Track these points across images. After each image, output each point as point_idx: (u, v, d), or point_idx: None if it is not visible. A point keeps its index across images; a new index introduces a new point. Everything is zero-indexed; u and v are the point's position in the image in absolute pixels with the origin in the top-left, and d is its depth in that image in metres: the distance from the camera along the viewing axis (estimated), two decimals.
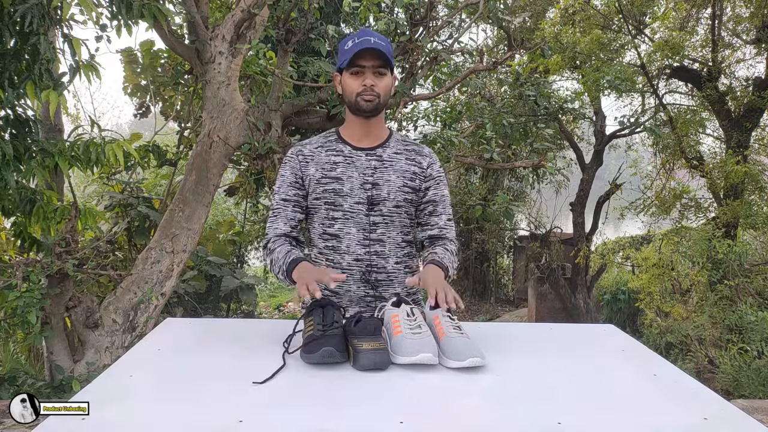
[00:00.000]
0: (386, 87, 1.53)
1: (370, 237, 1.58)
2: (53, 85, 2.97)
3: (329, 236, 1.59)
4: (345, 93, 1.55)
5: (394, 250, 1.61)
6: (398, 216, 1.60)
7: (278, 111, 4.17)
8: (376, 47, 1.46)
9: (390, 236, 1.60)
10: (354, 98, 1.52)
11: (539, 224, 10.32)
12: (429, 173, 1.64)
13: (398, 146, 1.64)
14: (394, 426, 0.95)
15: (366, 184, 1.57)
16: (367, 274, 1.59)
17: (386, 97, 1.55)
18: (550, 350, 1.39)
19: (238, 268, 8.45)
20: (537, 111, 5.67)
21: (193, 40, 4.02)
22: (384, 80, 1.52)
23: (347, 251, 1.58)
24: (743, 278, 5.94)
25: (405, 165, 1.61)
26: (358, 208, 1.57)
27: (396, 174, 1.59)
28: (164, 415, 0.98)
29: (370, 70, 1.49)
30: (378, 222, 1.58)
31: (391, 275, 1.61)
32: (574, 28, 7.21)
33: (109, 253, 4.70)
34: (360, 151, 1.60)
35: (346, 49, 1.50)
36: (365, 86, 1.50)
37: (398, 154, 1.62)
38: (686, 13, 7.15)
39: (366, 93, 1.50)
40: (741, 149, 6.50)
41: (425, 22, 4.27)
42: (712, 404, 1.08)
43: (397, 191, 1.59)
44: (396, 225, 1.61)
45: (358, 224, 1.58)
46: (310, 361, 1.22)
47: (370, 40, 1.47)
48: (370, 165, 1.59)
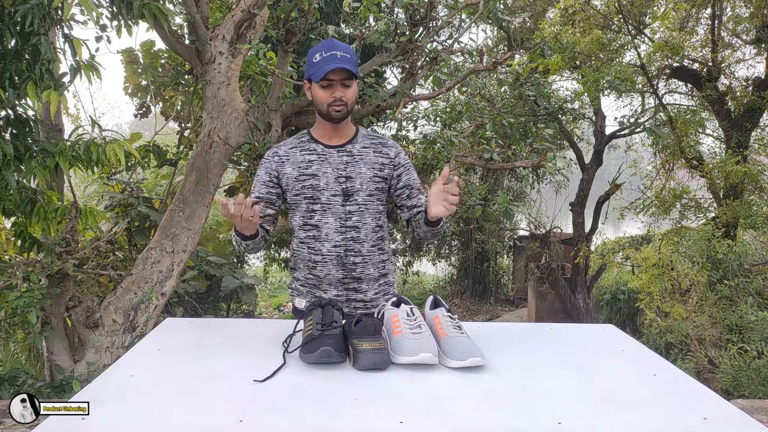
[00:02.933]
0: (353, 95, 1.71)
1: (346, 224, 1.74)
2: (54, 85, 2.97)
3: (310, 227, 1.75)
4: (315, 102, 1.72)
5: (369, 235, 1.77)
6: (372, 203, 1.77)
7: (278, 111, 4.17)
8: (343, 65, 1.61)
9: (365, 222, 1.76)
10: (325, 108, 1.69)
11: (539, 224, 10.32)
12: (397, 162, 1.81)
13: (365, 141, 1.80)
14: (394, 426, 0.95)
15: (340, 177, 1.74)
16: (344, 258, 1.74)
17: (353, 104, 1.73)
18: (551, 350, 1.39)
19: (238, 268, 8.45)
20: (537, 111, 5.66)
21: (193, 40, 4.02)
22: (351, 90, 1.69)
23: (326, 239, 1.74)
24: (743, 278, 5.94)
25: (374, 157, 1.78)
26: (335, 200, 1.73)
27: (366, 166, 1.76)
28: (164, 415, 0.98)
29: (338, 83, 1.66)
30: (353, 211, 1.75)
31: (366, 258, 1.77)
32: (574, 28, 7.21)
33: (109, 253, 4.70)
34: (332, 148, 1.76)
35: (315, 62, 1.65)
36: (335, 98, 1.67)
37: (366, 148, 1.79)
38: (686, 13, 7.14)
39: (336, 104, 1.68)
40: (741, 149, 6.50)
41: (425, 22, 4.27)
42: (712, 404, 1.08)
43: (368, 182, 1.75)
44: (370, 211, 1.77)
45: (335, 214, 1.74)
46: (309, 361, 1.22)
47: (336, 55, 1.62)
48: (342, 160, 1.75)
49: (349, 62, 1.63)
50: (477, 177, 10.16)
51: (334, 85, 1.66)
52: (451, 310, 1.39)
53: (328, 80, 1.65)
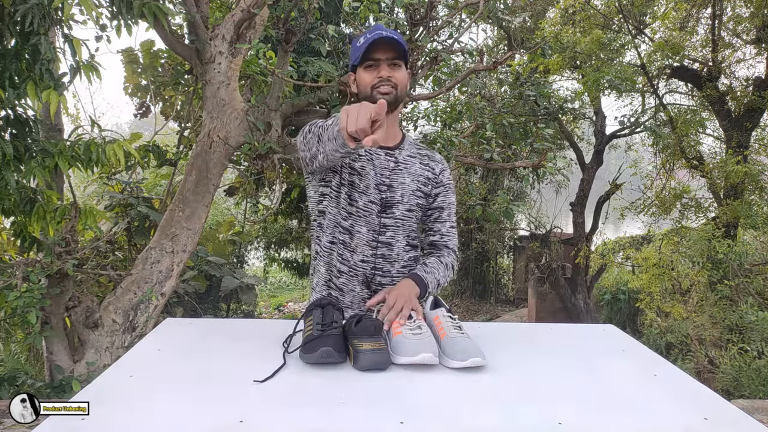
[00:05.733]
0: (403, 79, 1.47)
1: (379, 239, 1.56)
2: (53, 85, 2.97)
3: (343, 229, 1.56)
4: (360, 88, 1.48)
5: (402, 255, 1.59)
6: (409, 220, 1.58)
7: (278, 111, 4.17)
8: (389, 38, 1.41)
9: (398, 240, 1.58)
10: (370, 91, 1.45)
11: (539, 224, 10.33)
12: (440, 180, 1.62)
13: (412, 149, 1.61)
14: (394, 426, 0.95)
15: (381, 185, 1.54)
16: (371, 277, 1.56)
17: (403, 90, 1.48)
18: (550, 350, 1.39)
19: (238, 268, 8.46)
20: (537, 111, 5.67)
21: (193, 40, 4.01)
22: (400, 72, 1.46)
23: (355, 251, 1.55)
24: (743, 278, 5.94)
25: (419, 169, 1.59)
26: (372, 207, 1.54)
27: (411, 177, 1.57)
28: (164, 415, 0.98)
29: (385, 62, 1.44)
30: (388, 224, 1.56)
31: (395, 280, 1.58)
32: (574, 28, 7.21)
33: (109, 253, 4.70)
34: (379, 149, 1.55)
35: (359, 45, 1.46)
36: (381, 77, 1.44)
37: (412, 157, 1.60)
38: (686, 13, 7.14)
39: (382, 85, 1.44)
40: (741, 149, 6.50)
41: (425, 22, 4.27)
42: (712, 404, 1.08)
43: (410, 195, 1.57)
44: (405, 229, 1.59)
45: (369, 224, 1.55)
46: (309, 361, 1.22)
47: (382, 33, 1.42)
48: (388, 165, 1.55)
49: (397, 37, 1.43)
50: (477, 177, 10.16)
51: (380, 64, 1.44)
52: (451, 310, 1.39)
53: (373, 60, 1.44)
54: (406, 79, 1.48)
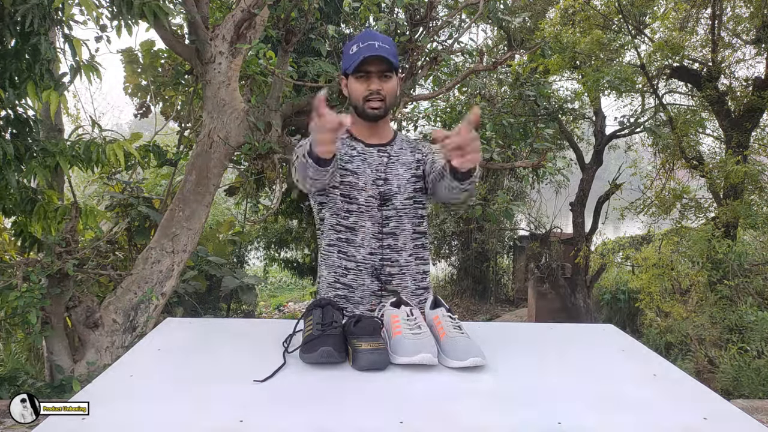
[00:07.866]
0: (392, 89, 1.56)
1: (383, 231, 1.61)
2: (54, 85, 2.98)
3: (344, 228, 1.61)
4: (351, 97, 1.59)
5: (408, 243, 1.64)
6: (411, 207, 1.64)
7: (278, 111, 4.17)
8: (380, 53, 1.47)
9: (403, 229, 1.63)
10: (361, 103, 1.56)
11: (539, 224, 10.32)
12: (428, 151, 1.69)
13: (403, 143, 1.70)
14: (394, 426, 0.95)
15: (378, 180, 1.61)
16: (380, 269, 1.60)
17: (392, 99, 1.58)
18: (550, 350, 1.39)
19: (238, 268, 8.46)
20: (537, 111, 5.67)
21: (193, 40, 4.02)
22: (390, 83, 1.55)
23: (362, 245, 1.60)
24: (743, 278, 5.94)
25: (410, 156, 1.67)
26: (372, 202, 1.60)
27: (404, 167, 1.64)
28: (164, 415, 0.98)
29: (376, 75, 1.52)
30: (391, 216, 1.61)
31: (404, 268, 1.63)
32: (574, 28, 7.21)
33: (110, 253, 4.70)
34: (372, 147, 1.64)
35: (351, 53, 1.53)
36: (371, 91, 1.53)
37: (403, 149, 1.68)
38: (686, 13, 7.15)
39: (372, 98, 1.54)
40: (741, 149, 6.50)
41: (425, 22, 4.27)
42: (712, 404, 1.08)
43: (406, 184, 1.63)
44: (409, 216, 1.64)
45: (372, 218, 1.60)
46: (309, 361, 1.22)
47: (374, 45, 1.49)
48: (382, 161, 1.63)
49: (387, 52, 1.49)
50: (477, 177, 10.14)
51: (371, 76, 1.52)
52: (451, 310, 1.39)
53: (364, 71, 1.51)
54: (395, 88, 1.58)
